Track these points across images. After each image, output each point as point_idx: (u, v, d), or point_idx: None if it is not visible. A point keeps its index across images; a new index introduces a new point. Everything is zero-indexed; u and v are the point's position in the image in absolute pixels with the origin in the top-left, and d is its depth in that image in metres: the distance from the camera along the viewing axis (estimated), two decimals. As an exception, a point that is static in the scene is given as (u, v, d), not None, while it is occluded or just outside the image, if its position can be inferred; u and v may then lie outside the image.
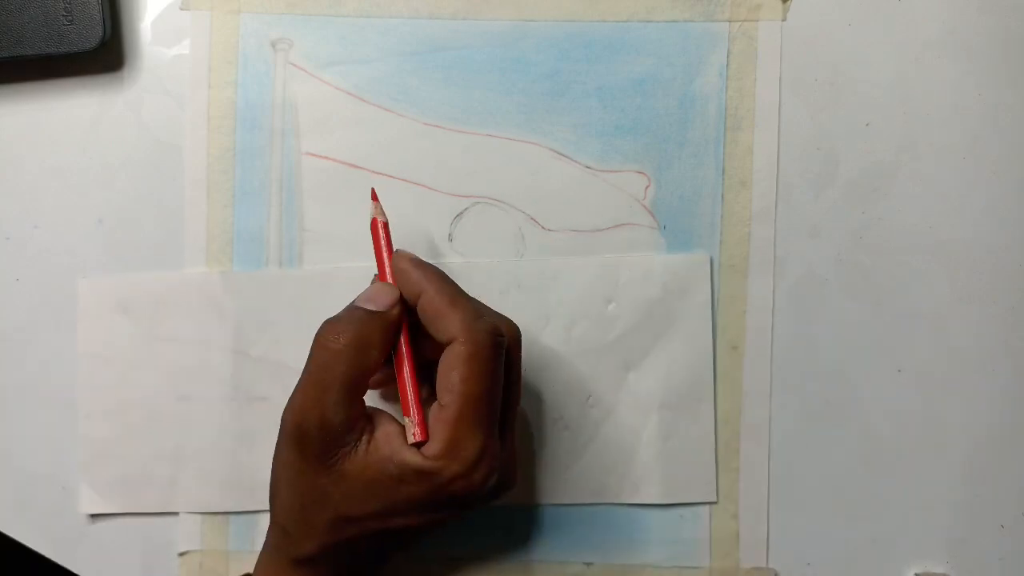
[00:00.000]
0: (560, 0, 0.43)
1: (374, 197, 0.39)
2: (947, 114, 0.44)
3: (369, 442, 0.35)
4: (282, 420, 0.36)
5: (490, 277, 0.44)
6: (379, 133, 0.44)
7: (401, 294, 0.37)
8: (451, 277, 0.37)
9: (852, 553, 0.44)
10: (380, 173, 0.44)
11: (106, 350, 0.44)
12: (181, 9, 0.43)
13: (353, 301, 0.37)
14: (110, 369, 0.44)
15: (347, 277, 0.43)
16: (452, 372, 0.34)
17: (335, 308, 0.43)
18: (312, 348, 0.35)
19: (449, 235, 0.44)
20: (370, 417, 0.36)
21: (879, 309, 0.44)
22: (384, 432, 0.35)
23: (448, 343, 0.35)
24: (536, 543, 0.44)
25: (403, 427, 0.36)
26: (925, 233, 0.44)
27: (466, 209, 0.44)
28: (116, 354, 0.44)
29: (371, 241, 0.39)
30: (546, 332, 0.44)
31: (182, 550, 0.44)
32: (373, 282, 0.38)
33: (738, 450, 0.44)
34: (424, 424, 0.35)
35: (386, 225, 0.38)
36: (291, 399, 0.36)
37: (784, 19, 0.44)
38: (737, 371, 0.44)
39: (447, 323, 0.35)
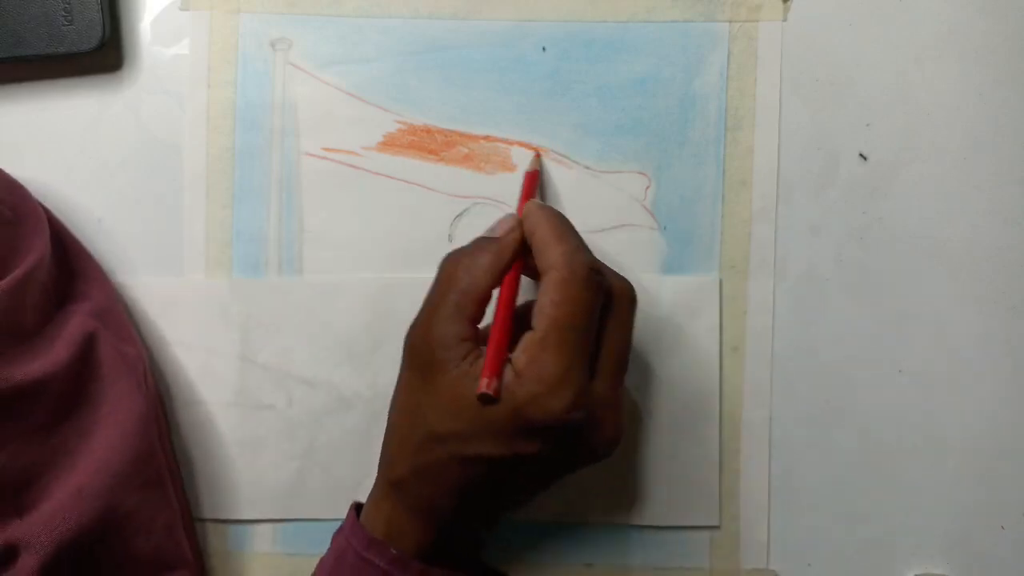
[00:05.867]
0: (560, 0, 0.43)
1: (537, 155, 0.43)
2: (947, 114, 0.44)
3: (472, 364, 0.35)
4: (404, 342, 0.37)
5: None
6: (379, 133, 0.44)
7: (520, 224, 0.37)
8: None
9: (852, 553, 0.44)
10: (380, 173, 0.44)
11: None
12: (181, 9, 0.43)
13: None
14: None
15: (355, 289, 0.43)
16: (544, 296, 0.35)
17: (343, 318, 0.44)
18: (434, 277, 0.37)
19: (449, 236, 0.44)
20: (480, 348, 0.36)
21: (879, 309, 0.44)
22: None
23: (547, 272, 0.35)
24: (538, 544, 0.44)
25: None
26: (925, 233, 0.44)
27: (466, 209, 0.44)
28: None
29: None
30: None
31: (182, 550, 0.44)
32: None
33: (738, 451, 0.44)
34: (495, 366, 0.34)
35: (534, 175, 0.41)
36: (411, 323, 0.37)
37: (784, 19, 0.44)
38: (737, 371, 0.44)
39: (551, 254, 0.35)
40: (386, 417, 0.40)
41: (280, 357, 0.44)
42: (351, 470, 0.44)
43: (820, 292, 0.44)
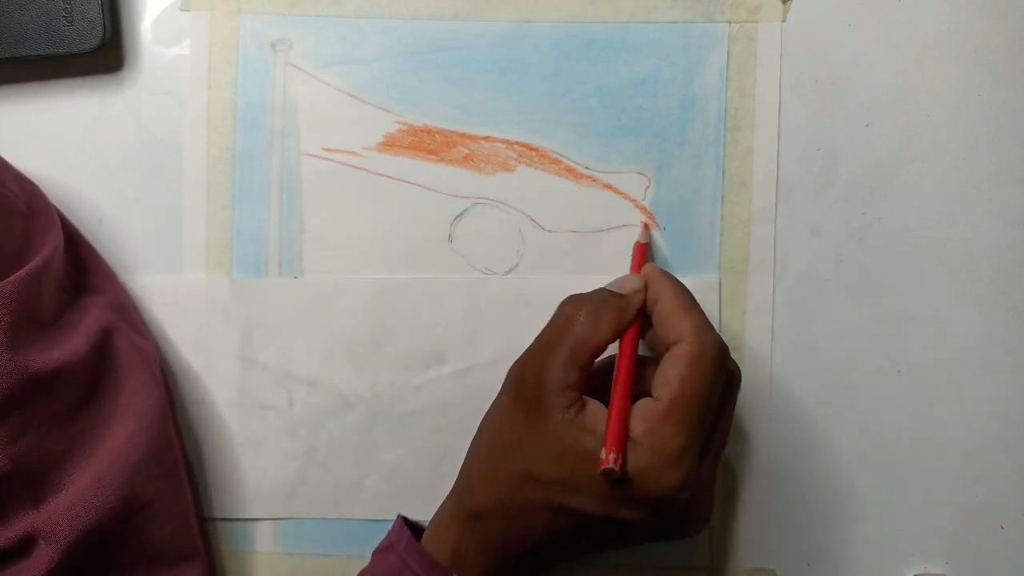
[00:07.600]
0: (560, 1, 0.43)
1: (646, 227, 0.43)
2: (947, 114, 0.44)
3: (577, 413, 0.35)
4: (508, 372, 0.37)
5: (495, 292, 0.44)
6: (379, 133, 0.44)
7: (646, 286, 0.38)
8: (452, 290, 0.37)
9: (852, 553, 0.44)
10: (380, 174, 0.44)
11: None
12: (181, 10, 0.44)
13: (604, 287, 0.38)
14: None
15: (355, 289, 0.43)
16: (672, 368, 0.35)
17: (343, 320, 0.44)
18: (552, 315, 0.37)
19: (449, 236, 0.44)
20: (585, 397, 0.36)
21: (879, 309, 0.44)
22: (593, 411, 0.35)
23: (675, 344, 0.35)
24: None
25: None
26: (925, 233, 0.44)
27: (466, 210, 0.44)
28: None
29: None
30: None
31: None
32: None
33: (738, 451, 0.44)
34: (619, 441, 0.34)
35: (643, 248, 0.42)
36: (521, 355, 0.37)
37: (784, 20, 0.44)
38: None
39: (679, 326, 0.35)
40: (387, 417, 0.40)
41: (280, 357, 0.44)
42: (351, 470, 0.44)
43: (820, 292, 0.44)
